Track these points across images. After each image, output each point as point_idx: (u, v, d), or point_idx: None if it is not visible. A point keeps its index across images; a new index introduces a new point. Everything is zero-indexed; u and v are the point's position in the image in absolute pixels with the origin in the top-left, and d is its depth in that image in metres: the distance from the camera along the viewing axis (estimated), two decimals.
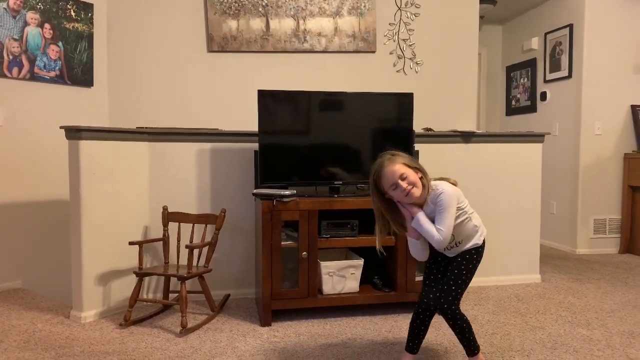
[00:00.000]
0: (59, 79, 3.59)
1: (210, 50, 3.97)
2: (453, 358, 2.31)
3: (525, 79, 5.36)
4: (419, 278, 2.94)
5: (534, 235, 3.60)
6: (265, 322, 2.71)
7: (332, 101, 3.04)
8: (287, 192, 2.75)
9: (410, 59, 4.24)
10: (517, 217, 3.55)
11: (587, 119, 4.57)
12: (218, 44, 3.94)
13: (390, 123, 3.09)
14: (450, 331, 2.16)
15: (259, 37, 3.98)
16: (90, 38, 3.75)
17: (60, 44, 3.59)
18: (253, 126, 3.04)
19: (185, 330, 2.59)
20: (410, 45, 4.18)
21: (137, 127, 3.17)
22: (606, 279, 3.70)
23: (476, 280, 3.46)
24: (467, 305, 3.06)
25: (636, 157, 4.52)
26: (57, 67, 3.58)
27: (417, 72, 4.23)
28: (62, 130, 2.80)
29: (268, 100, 2.91)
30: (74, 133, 2.75)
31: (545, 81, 5.04)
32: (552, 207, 4.89)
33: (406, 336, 2.23)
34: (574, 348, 2.42)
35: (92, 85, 3.78)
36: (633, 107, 4.62)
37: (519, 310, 2.98)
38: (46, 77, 3.52)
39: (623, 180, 4.62)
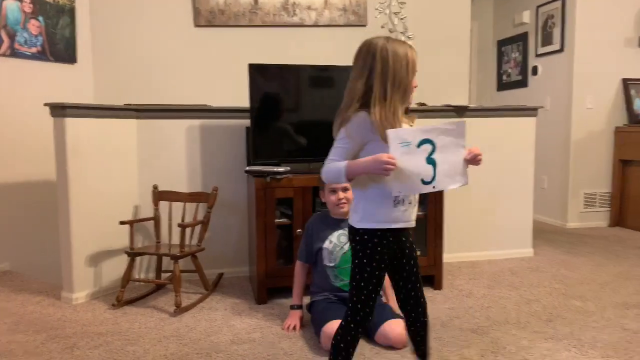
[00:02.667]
0: (41, 55, 3.47)
1: (197, 25, 3.87)
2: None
3: (517, 53, 5.32)
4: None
5: (527, 210, 3.60)
6: (260, 300, 2.69)
7: (324, 75, 2.98)
8: (280, 169, 2.70)
9: (402, 32, 4.15)
10: (510, 192, 3.55)
11: (579, 93, 4.55)
12: (205, 18, 3.83)
13: None
14: None
15: (247, 11, 3.88)
16: (72, 12, 3.62)
17: (40, 18, 3.46)
18: (243, 102, 2.97)
19: (179, 310, 2.55)
20: (401, 19, 4.09)
21: (124, 104, 3.08)
22: (598, 251, 3.73)
23: (469, 255, 3.49)
24: (462, 280, 3.07)
25: (627, 130, 4.53)
26: (38, 43, 3.46)
27: None
28: (47, 108, 2.70)
29: (259, 74, 2.84)
30: (59, 110, 2.66)
31: (537, 55, 5.00)
32: (543, 181, 4.90)
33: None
34: (569, 320, 2.43)
35: (76, 61, 3.67)
36: (624, 80, 4.61)
37: (513, 284, 2.99)
38: (27, 53, 3.40)
39: (614, 154, 4.64)
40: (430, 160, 1.45)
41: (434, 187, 1.47)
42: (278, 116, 2.91)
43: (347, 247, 2.29)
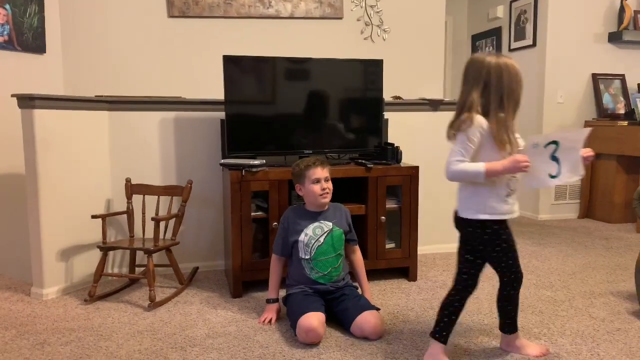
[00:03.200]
0: (7, 45, 3.36)
1: (170, 16, 3.79)
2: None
3: (491, 47, 5.39)
4: (389, 246, 2.96)
5: None
6: (236, 294, 2.68)
7: (300, 68, 2.96)
8: (256, 162, 2.69)
9: (378, 26, 4.17)
10: None
11: (550, 87, 4.64)
12: (179, 8, 3.77)
13: (359, 90, 3.04)
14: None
15: (222, 2, 3.83)
16: (40, 1, 3.51)
17: (7, 7, 3.35)
18: (217, 94, 2.94)
19: (153, 304, 2.53)
20: (377, 12, 4.11)
21: (95, 96, 3.02)
22: (567, 242, 3.83)
23: (443, 247, 3.53)
24: (436, 271, 3.11)
25: (596, 124, 4.64)
26: (4, 32, 3.35)
27: (384, 40, 4.17)
28: (14, 99, 2.63)
29: (234, 66, 2.81)
30: (27, 101, 2.59)
31: (510, 50, 5.08)
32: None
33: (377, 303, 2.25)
34: (539, 309, 2.49)
35: (45, 51, 3.56)
36: (594, 75, 4.72)
37: (486, 275, 3.02)
38: None
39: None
40: (555, 158, 1.79)
41: (559, 180, 1.81)
42: (253, 108, 2.89)
43: (322, 239, 2.31)
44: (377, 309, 2.25)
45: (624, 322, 2.32)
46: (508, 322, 1.99)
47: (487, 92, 1.77)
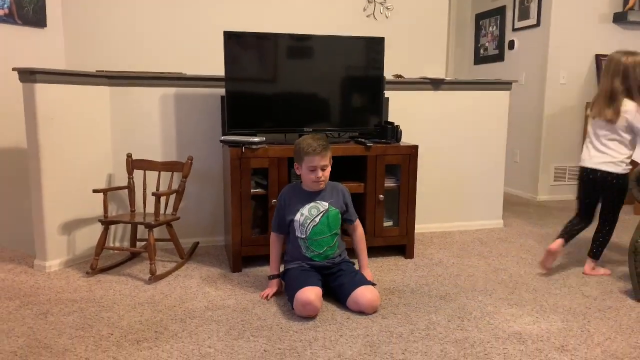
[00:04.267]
0: (8, 18, 3.35)
1: None
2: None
3: (494, 27, 5.34)
4: (387, 224, 3.00)
5: (499, 182, 3.68)
6: (235, 268, 2.73)
7: (301, 45, 2.96)
8: (256, 139, 2.70)
9: (381, 3, 4.14)
10: (482, 164, 3.62)
11: (553, 68, 4.62)
12: None
13: (360, 68, 3.04)
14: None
15: None
16: None
17: None
18: (218, 70, 2.94)
19: (154, 278, 2.57)
20: None
21: (96, 71, 3.02)
22: (564, 223, 3.84)
23: (441, 226, 3.57)
24: (433, 250, 3.15)
25: None
26: (5, 5, 3.34)
27: (387, 18, 4.15)
28: (15, 73, 2.63)
29: (234, 42, 2.80)
30: (29, 75, 2.60)
31: (514, 29, 5.03)
32: (515, 155, 5.00)
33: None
34: (533, 287, 2.53)
35: (45, 25, 3.55)
36: (597, 56, 4.68)
37: (482, 253, 3.08)
38: None
39: (584, 129, 4.74)
40: None
41: None
42: (253, 86, 2.89)
43: (318, 219, 2.33)
44: (373, 284, 2.30)
45: (616, 301, 2.36)
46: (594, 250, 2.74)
47: (627, 81, 2.48)
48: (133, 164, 2.90)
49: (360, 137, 3.07)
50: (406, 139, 3.17)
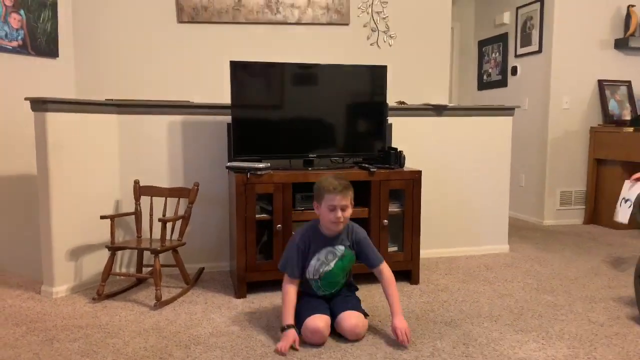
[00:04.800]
0: (21, 50, 3.46)
1: (180, 21, 3.89)
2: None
3: (497, 53, 5.42)
4: (392, 249, 3.00)
5: (504, 207, 3.69)
6: (240, 294, 2.73)
7: (306, 73, 3.02)
8: (261, 165, 2.74)
9: (384, 32, 4.22)
10: (487, 189, 3.63)
11: (556, 94, 4.66)
12: (188, 14, 3.85)
13: (364, 96, 3.09)
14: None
15: (230, 8, 3.91)
16: (54, 6, 3.61)
17: (22, 12, 3.45)
18: (225, 99, 3.00)
19: (159, 304, 2.59)
20: (383, 18, 4.16)
21: (105, 99, 3.09)
22: (571, 248, 3.84)
23: (447, 251, 3.57)
24: (438, 275, 3.14)
25: (601, 130, 4.65)
26: (19, 37, 3.44)
27: (390, 46, 4.21)
28: (28, 103, 2.71)
29: (241, 71, 2.87)
30: (40, 105, 2.67)
31: (516, 56, 5.10)
32: (521, 180, 5.01)
33: (379, 304, 2.28)
34: (539, 313, 2.52)
35: (58, 56, 3.66)
36: (600, 81, 4.73)
37: (487, 279, 3.07)
38: (8, 47, 3.39)
39: (589, 154, 4.76)
40: None
41: None
42: (259, 113, 2.94)
43: (333, 264, 2.26)
44: (366, 314, 2.28)
45: (623, 327, 2.34)
46: None
47: None
48: (140, 191, 2.94)
49: (364, 162, 3.10)
50: (410, 164, 3.20)
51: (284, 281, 2.26)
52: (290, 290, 2.23)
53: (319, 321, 2.13)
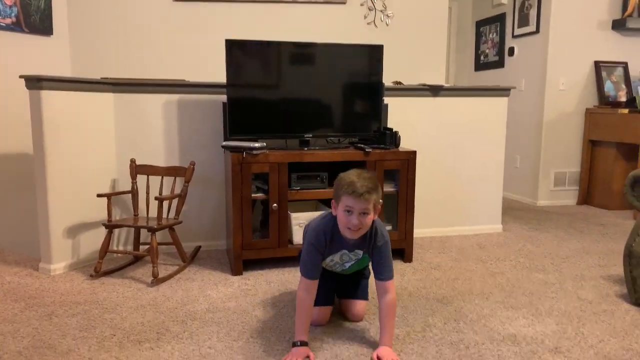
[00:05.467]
0: (15, 27, 3.43)
1: None
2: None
3: (494, 34, 5.39)
4: (386, 228, 3.03)
5: (498, 187, 3.72)
6: (236, 272, 2.77)
7: (302, 52, 3.01)
8: (256, 145, 2.75)
9: (381, 11, 4.20)
10: (482, 170, 3.66)
11: (552, 74, 4.66)
12: None
13: (360, 75, 3.09)
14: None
15: None
16: None
17: None
18: (220, 77, 3.00)
19: (156, 280, 2.62)
20: None
21: (101, 78, 3.08)
22: (563, 228, 3.89)
23: (441, 230, 3.61)
24: (431, 254, 3.19)
25: (597, 112, 4.66)
26: (12, 14, 3.41)
27: (387, 25, 4.20)
28: (22, 81, 2.70)
29: (236, 50, 2.86)
30: (35, 83, 2.66)
31: (514, 36, 5.08)
32: (516, 161, 5.04)
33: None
34: (530, 291, 2.56)
35: (52, 33, 3.63)
36: (596, 63, 4.72)
37: (480, 257, 3.12)
38: (2, 24, 3.36)
39: (584, 135, 4.78)
40: None
41: None
42: (254, 92, 2.94)
43: (348, 265, 2.08)
44: (366, 299, 2.25)
45: (611, 304, 2.39)
46: None
47: None
48: (137, 169, 2.96)
49: (359, 142, 3.12)
50: (405, 145, 3.22)
51: (300, 287, 1.94)
52: (306, 301, 1.92)
53: (321, 314, 2.11)
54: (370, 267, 2.15)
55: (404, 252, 3.01)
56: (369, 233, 1.94)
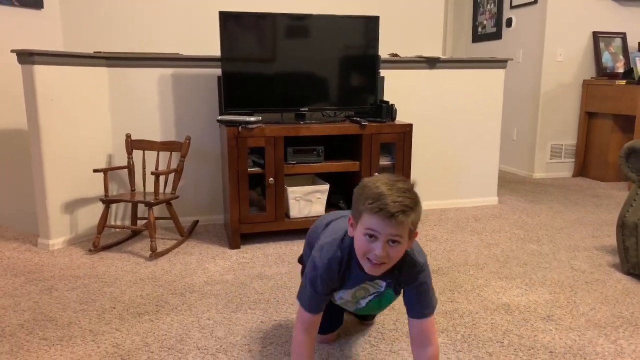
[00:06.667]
0: (4, 0, 3.36)
1: None
2: None
3: (492, 4, 5.32)
4: None
5: (494, 160, 3.73)
6: (234, 245, 2.80)
7: (297, 24, 2.97)
8: (252, 119, 2.74)
9: None
10: (478, 142, 3.66)
11: (550, 46, 4.62)
12: None
13: (356, 47, 3.05)
14: None
15: None
16: None
17: None
18: (215, 51, 2.96)
19: (155, 254, 2.65)
20: None
21: (94, 52, 3.05)
22: (558, 200, 3.92)
23: (437, 203, 3.63)
24: (428, 226, 3.21)
25: (594, 83, 4.64)
26: None
27: None
28: (14, 55, 2.67)
29: (231, 22, 2.82)
30: (27, 57, 2.63)
31: (512, 7, 5.02)
32: (512, 133, 5.03)
33: None
34: (524, 261, 2.60)
35: (42, 7, 3.56)
36: (594, 33, 4.68)
37: (475, 229, 3.15)
38: None
39: (581, 107, 4.77)
40: None
41: None
42: (250, 65, 2.91)
43: (364, 302, 1.54)
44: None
45: (603, 274, 2.43)
46: None
47: None
48: (132, 144, 2.95)
49: (355, 116, 3.11)
50: (401, 118, 3.21)
51: (297, 325, 1.47)
52: (305, 346, 1.45)
53: (324, 339, 1.78)
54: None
55: None
56: (398, 265, 1.39)
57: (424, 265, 1.44)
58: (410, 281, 1.43)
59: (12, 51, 2.65)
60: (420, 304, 1.43)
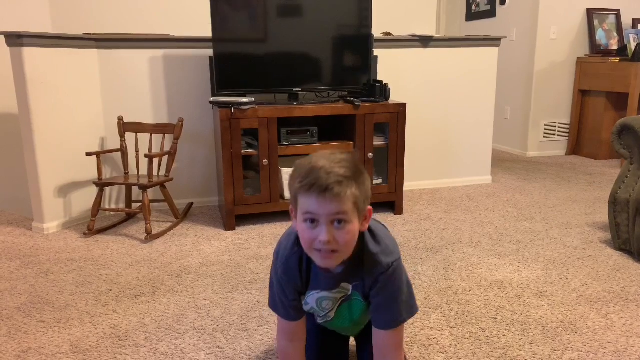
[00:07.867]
0: None
1: None
2: None
3: None
4: (377, 181, 3.06)
5: (487, 139, 3.73)
6: (229, 227, 2.80)
7: (289, 3, 2.94)
8: (245, 100, 2.73)
9: None
10: (471, 121, 3.66)
11: (544, 23, 4.59)
12: None
13: (349, 27, 3.03)
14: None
15: None
16: None
17: None
18: (206, 31, 2.93)
19: (150, 237, 2.65)
20: None
21: (83, 34, 3.00)
22: (552, 178, 3.94)
23: (431, 183, 3.64)
24: (421, 205, 3.23)
25: (587, 61, 4.63)
26: None
27: None
28: (2, 38, 2.62)
29: (222, 2, 2.78)
30: (15, 39, 2.59)
31: None
32: (506, 112, 5.03)
33: None
34: (517, 239, 2.63)
35: None
36: (588, 10, 4.66)
37: (469, 208, 3.17)
38: None
39: (574, 85, 4.77)
40: None
41: None
42: (242, 46, 2.89)
43: (332, 314, 1.30)
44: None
45: (595, 250, 2.46)
46: None
47: None
48: (124, 127, 2.93)
49: (349, 96, 3.09)
50: (395, 97, 3.20)
51: (279, 334, 1.32)
52: (290, 353, 1.30)
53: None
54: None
55: (394, 205, 3.05)
56: (356, 256, 1.18)
57: (391, 266, 1.19)
58: (374, 285, 1.20)
59: (0, 34, 2.60)
60: (386, 312, 1.21)
